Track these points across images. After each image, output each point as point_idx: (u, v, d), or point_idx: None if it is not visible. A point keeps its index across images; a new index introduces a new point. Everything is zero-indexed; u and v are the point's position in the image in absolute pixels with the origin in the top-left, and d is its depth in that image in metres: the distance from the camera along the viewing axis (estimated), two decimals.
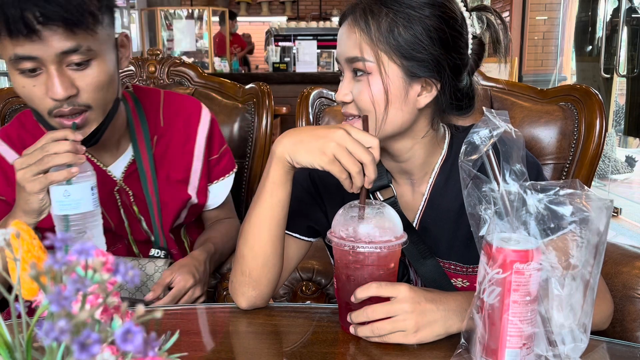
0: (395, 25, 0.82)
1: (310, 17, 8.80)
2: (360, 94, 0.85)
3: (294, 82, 4.91)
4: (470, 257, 0.93)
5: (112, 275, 0.32)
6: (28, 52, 0.88)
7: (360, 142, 0.77)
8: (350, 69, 0.86)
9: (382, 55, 0.83)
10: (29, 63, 0.89)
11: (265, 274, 0.87)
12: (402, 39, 0.82)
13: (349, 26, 0.85)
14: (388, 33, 0.82)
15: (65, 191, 0.90)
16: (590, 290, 0.66)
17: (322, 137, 0.78)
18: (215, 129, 1.25)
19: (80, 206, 0.92)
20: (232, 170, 1.28)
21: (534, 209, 0.65)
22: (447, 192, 0.93)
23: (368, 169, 0.77)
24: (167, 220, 1.16)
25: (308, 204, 0.98)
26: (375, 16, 0.83)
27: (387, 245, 0.77)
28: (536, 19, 5.75)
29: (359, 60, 0.84)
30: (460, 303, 0.78)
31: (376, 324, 0.76)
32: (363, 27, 0.83)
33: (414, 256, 0.92)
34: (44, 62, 0.89)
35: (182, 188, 1.18)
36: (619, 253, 1.10)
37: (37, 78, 0.91)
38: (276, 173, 0.83)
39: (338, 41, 0.89)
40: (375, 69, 0.83)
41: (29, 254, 0.38)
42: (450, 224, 0.93)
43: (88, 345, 0.27)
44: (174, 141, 1.18)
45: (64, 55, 0.90)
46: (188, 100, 1.24)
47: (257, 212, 0.86)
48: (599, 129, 1.23)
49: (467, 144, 0.73)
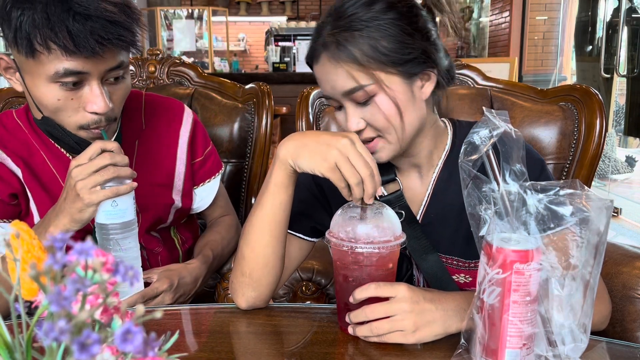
0: (373, 41, 0.81)
1: (310, 17, 8.79)
2: (373, 116, 0.84)
3: (294, 82, 4.91)
4: (472, 252, 0.93)
5: (112, 275, 0.32)
6: (80, 67, 0.88)
7: (363, 155, 0.78)
8: (351, 100, 0.84)
9: (378, 74, 0.82)
10: (75, 77, 0.90)
11: (265, 275, 0.87)
12: (387, 50, 0.81)
13: (329, 63, 0.83)
14: (372, 51, 0.81)
15: (114, 202, 0.92)
16: (590, 290, 0.66)
17: (326, 144, 0.78)
18: (199, 130, 1.23)
19: (126, 215, 0.94)
20: (218, 172, 1.27)
21: (534, 209, 0.65)
22: (451, 187, 0.93)
23: (366, 184, 0.77)
24: (144, 224, 1.15)
25: (312, 204, 0.98)
26: (351, 43, 0.81)
27: (387, 245, 0.77)
28: (536, 19, 5.76)
29: (358, 89, 0.82)
30: (459, 303, 0.78)
31: (375, 323, 0.76)
32: (346, 58, 0.81)
33: (417, 251, 0.92)
34: (90, 76, 0.91)
35: (165, 192, 1.17)
36: (619, 253, 1.10)
37: (76, 92, 0.92)
38: (279, 176, 0.83)
39: (322, 80, 0.86)
40: (377, 89, 0.82)
41: (29, 254, 0.38)
42: (453, 219, 0.93)
43: (88, 345, 0.27)
44: (156, 144, 1.17)
45: (109, 71, 0.92)
46: (169, 101, 1.22)
47: (259, 214, 0.86)
48: (599, 129, 1.23)
49: (467, 144, 0.73)
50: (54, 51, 0.86)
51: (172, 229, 1.26)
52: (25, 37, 0.86)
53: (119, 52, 0.92)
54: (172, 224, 1.23)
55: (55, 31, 0.84)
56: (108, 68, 0.91)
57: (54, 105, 0.92)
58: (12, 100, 1.40)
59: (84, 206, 0.90)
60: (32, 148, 1.06)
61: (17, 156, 1.05)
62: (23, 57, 0.89)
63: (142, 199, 1.12)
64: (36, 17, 0.84)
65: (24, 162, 1.05)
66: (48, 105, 0.92)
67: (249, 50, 9.15)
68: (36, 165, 1.06)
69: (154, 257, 1.19)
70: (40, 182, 1.06)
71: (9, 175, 1.04)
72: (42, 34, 0.85)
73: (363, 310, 0.77)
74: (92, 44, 0.86)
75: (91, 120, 0.94)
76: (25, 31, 0.85)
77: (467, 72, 1.42)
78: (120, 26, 0.89)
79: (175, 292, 1.06)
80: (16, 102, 1.40)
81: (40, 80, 0.90)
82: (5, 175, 1.04)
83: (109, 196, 0.90)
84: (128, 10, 0.91)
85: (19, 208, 1.07)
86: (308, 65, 0.89)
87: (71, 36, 0.85)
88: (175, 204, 1.18)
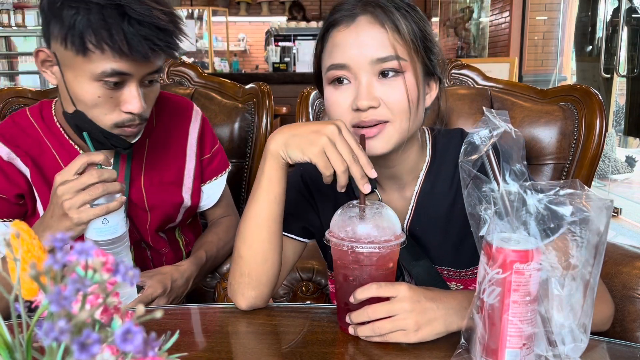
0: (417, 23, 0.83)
1: (310, 17, 8.79)
2: (394, 94, 0.82)
3: (294, 82, 4.90)
4: (461, 261, 0.93)
5: (112, 275, 0.32)
6: (126, 69, 0.92)
7: (348, 141, 0.77)
8: (375, 71, 0.82)
9: (412, 54, 0.83)
10: (118, 78, 0.93)
11: (265, 273, 0.87)
12: (425, 37, 0.84)
13: (369, 25, 0.82)
14: (415, 31, 0.83)
15: (105, 219, 0.92)
16: (590, 290, 0.66)
17: (315, 132, 0.78)
18: (207, 128, 1.25)
19: (117, 230, 0.94)
20: (225, 170, 1.28)
21: (534, 209, 0.65)
22: (434, 199, 0.93)
23: (352, 169, 0.77)
24: (153, 223, 1.15)
25: (301, 205, 0.98)
26: (400, 14, 0.82)
27: (387, 245, 0.77)
28: (536, 19, 5.75)
29: (393, 59, 0.81)
30: (460, 301, 0.78)
31: (376, 323, 0.76)
32: (391, 25, 0.82)
33: (406, 259, 0.92)
34: (131, 78, 0.94)
35: (175, 191, 1.18)
36: (619, 253, 1.10)
37: (116, 91, 0.95)
38: (271, 169, 0.83)
39: (348, 44, 0.83)
40: (409, 67, 0.83)
41: (29, 254, 0.38)
42: (439, 230, 0.93)
43: (88, 345, 0.27)
44: (166, 142, 1.18)
45: (148, 75, 0.96)
46: (179, 99, 1.23)
47: (254, 210, 0.86)
48: (599, 129, 1.23)
49: (467, 144, 0.73)
50: (106, 52, 0.89)
51: (177, 230, 1.26)
52: (78, 35, 0.88)
53: (160, 58, 0.96)
54: (179, 224, 1.23)
55: (111, 33, 0.88)
56: (149, 72, 0.95)
57: (92, 102, 0.95)
58: (12, 101, 1.40)
59: (72, 225, 0.89)
60: (44, 146, 1.08)
61: (28, 155, 1.06)
62: (71, 54, 0.91)
63: (152, 197, 1.13)
64: (92, 18, 0.87)
65: (33, 161, 1.06)
66: (87, 101, 0.95)
67: (249, 50, 9.15)
68: (46, 164, 1.07)
69: (159, 258, 1.19)
70: (47, 182, 1.07)
71: (17, 176, 1.05)
72: (98, 34, 0.88)
73: (365, 311, 0.76)
74: (145, 49, 0.90)
75: (125, 119, 0.97)
76: (79, 30, 0.88)
77: (467, 72, 1.42)
78: (168, 34, 0.93)
79: (169, 296, 1.06)
80: (16, 102, 1.40)
81: (84, 77, 0.93)
82: (13, 175, 1.05)
83: (99, 215, 0.90)
84: (175, 19, 0.96)
85: (25, 208, 1.08)
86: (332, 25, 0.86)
87: (126, 40, 0.88)
88: (184, 203, 1.19)
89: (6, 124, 1.10)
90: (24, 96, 1.41)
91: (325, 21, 0.87)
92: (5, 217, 1.05)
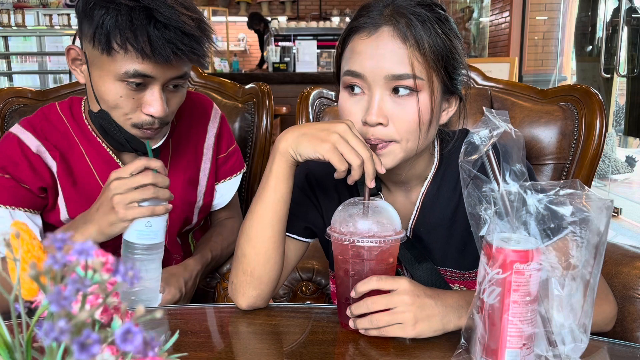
0: (443, 40, 0.80)
1: (310, 17, 8.79)
2: (404, 114, 0.80)
3: (294, 82, 4.91)
4: (465, 263, 0.93)
5: (112, 275, 0.32)
6: (149, 71, 0.92)
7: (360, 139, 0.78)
8: (389, 87, 0.80)
9: (431, 72, 0.80)
10: (141, 79, 0.93)
11: (267, 272, 0.87)
12: (449, 55, 0.81)
13: (390, 39, 0.79)
14: (439, 48, 0.79)
15: (148, 222, 0.92)
16: (590, 290, 0.66)
17: (325, 130, 0.78)
18: (225, 127, 1.25)
19: (157, 237, 0.94)
20: (240, 171, 1.28)
21: (534, 209, 0.65)
22: (439, 201, 0.93)
23: (367, 165, 0.77)
24: (175, 226, 1.15)
25: (304, 205, 0.98)
26: (425, 29, 0.79)
27: (388, 239, 0.77)
28: (536, 19, 5.76)
29: (408, 77, 0.78)
30: (458, 300, 0.78)
31: (375, 315, 0.76)
32: (413, 42, 0.78)
33: (409, 261, 0.92)
34: (154, 81, 0.95)
35: (190, 190, 1.18)
36: (619, 253, 1.10)
37: (138, 92, 0.95)
38: (279, 168, 0.83)
39: (368, 55, 0.80)
40: (425, 86, 0.80)
41: (29, 254, 0.38)
42: (443, 232, 0.93)
43: (88, 345, 0.27)
44: (185, 141, 1.18)
45: (172, 79, 0.96)
46: (199, 97, 1.24)
47: (260, 209, 0.86)
48: (599, 129, 1.23)
49: (467, 144, 0.72)
50: (130, 52, 0.90)
51: (190, 234, 1.26)
52: (105, 34, 0.90)
53: (186, 63, 0.96)
54: (195, 226, 1.23)
55: (136, 34, 0.89)
56: (173, 76, 0.96)
57: (114, 101, 0.96)
58: (12, 101, 1.40)
59: (117, 220, 0.91)
60: (72, 141, 1.09)
61: (56, 149, 1.07)
62: (97, 52, 0.93)
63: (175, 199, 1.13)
64: (119, 18, 0.89)
65: (61, 156, 1.07)
66: (109, 100, 0.96)
67: (249, 50, 9.15)
68: (73, 159, 1.08)
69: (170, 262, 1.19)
70: (73, 177, 1.07)
71: (43, 169, 1.06)
72: (123, 35, 0.89)
73: (365, 302, 0.77)
74: (167, 52, 0.90)
75: (145, 121, 0.98)
76: (107, 29, 0.90)
77: None
78: (194, 39, 0.93)
79: (183, 300, 1.08)
80: (16, 102, 1.40)
81: (109, 76, 0.94)
82: (40, 168, 1.06)
83: (145, 214, 0.91)
84: (203, 25, 0.96)
85: (46, 201, 1.08)
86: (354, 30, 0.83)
87: (150, 42, 0.89)
88: (197, 202, 1.19)
89: (37, 117, 1.11)
90: (24, 96, 1.41)
91: (350, 23, 0.86)
92: (26, 207, 1.06)
